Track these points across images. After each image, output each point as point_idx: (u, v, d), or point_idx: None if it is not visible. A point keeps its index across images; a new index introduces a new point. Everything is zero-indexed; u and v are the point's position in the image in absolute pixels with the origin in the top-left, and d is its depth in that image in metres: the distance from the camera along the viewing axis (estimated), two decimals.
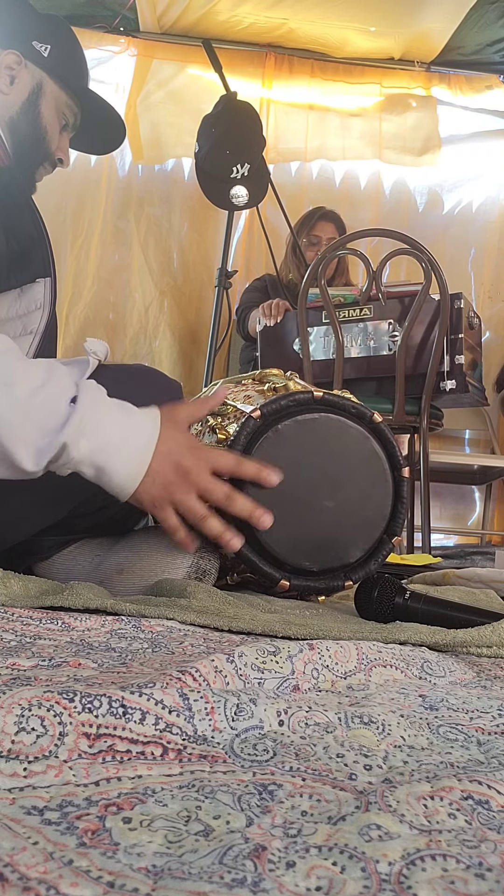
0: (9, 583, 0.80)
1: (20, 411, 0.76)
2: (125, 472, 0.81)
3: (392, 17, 3.21)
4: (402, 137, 3.60)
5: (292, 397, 0.95)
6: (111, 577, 1.00)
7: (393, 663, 0.61)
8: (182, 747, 0.40)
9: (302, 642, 0.59)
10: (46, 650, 0.55)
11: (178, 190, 3.42)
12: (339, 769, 0.39)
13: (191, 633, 0.68)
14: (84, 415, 0.77)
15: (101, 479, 0.81)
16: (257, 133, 2.75)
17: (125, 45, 3.37)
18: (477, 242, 3.57)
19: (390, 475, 0.97)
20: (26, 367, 0.79)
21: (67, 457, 0.78)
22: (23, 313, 0.99)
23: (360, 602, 0.88)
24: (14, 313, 0.99)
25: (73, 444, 0.77)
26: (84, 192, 3.29)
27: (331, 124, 3.58)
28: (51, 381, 0.78)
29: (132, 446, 0.81)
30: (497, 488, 3.42)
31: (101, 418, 0.79)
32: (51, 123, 1.19)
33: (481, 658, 0.72)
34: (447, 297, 2.19)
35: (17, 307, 0.99)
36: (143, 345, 3.31)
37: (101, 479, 0.81)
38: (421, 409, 2.25)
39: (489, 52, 3.45)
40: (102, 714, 0.40)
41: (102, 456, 0.79)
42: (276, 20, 3.26)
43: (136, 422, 0.82)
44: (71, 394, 0.79)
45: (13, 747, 0.36)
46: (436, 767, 0.40)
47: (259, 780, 0.36)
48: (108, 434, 0.79)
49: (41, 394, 0.77)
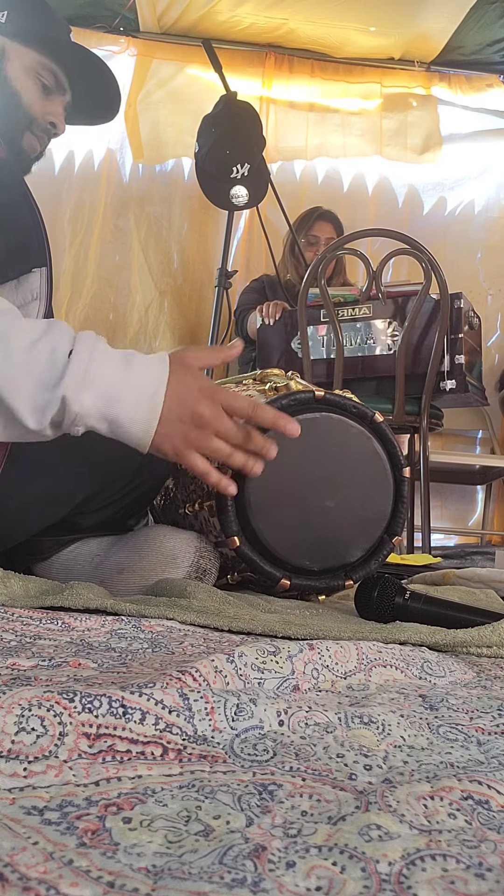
0: (9, 583, 0.80)
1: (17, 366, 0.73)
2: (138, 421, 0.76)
3: (392, 17, 3.21)
4: (402, 135, 3.60)
5: (293, 397, 0.95)
6: (111, 577, 1.01)
7: (393, 663, 0.61)
8: (182, 747, 0.40)
9: (302, 642, 0.59)
10: (46, 650, 0.55)
11: (178, 190, 3.42)
12: (339, 769, 0.39)
13: (191, 633, 0.68)
14: (81, 365, 0.73)
15: (116, 433, 0.77)
16: (257, 133, 2.75)
17: (125, 45, 3.37)
18: (479, 240, 3.57)
19: (391, 475, 0.97)
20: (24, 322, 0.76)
21: (71, 412, 0.73)
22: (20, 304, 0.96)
23: (360, 602, 0.88)
24: None
25: (73, 397, 0.73)
26: (84, 190, 3.29)
27: (331, 123, 3.58)
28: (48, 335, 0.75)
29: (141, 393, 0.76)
30: (497, 488, 3.42)
31: (100, 368, 0.74)
32: (24, 85, 1.12)
33: (481, 658, 0.72)
34: (447, 296, 2.19)
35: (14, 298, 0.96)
36: (143, 345, 3.30)
37: (115, 432, 0.77)
38: (421, 409, 2.25)
39: (489, 52, 3.45)
40: (102, 714, 0.39)
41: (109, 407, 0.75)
42: (276, 20, 3.26)
43: (142, 368, 0.78)
44: (69, 346, 0.75)
45: (13, 747, 0.36)
46: (436, 767, 0.40)
47: (259, 780, 0.36)
48: (111, 383, 0.75)
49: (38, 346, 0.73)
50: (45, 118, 1.15)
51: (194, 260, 3.40)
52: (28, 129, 1.13)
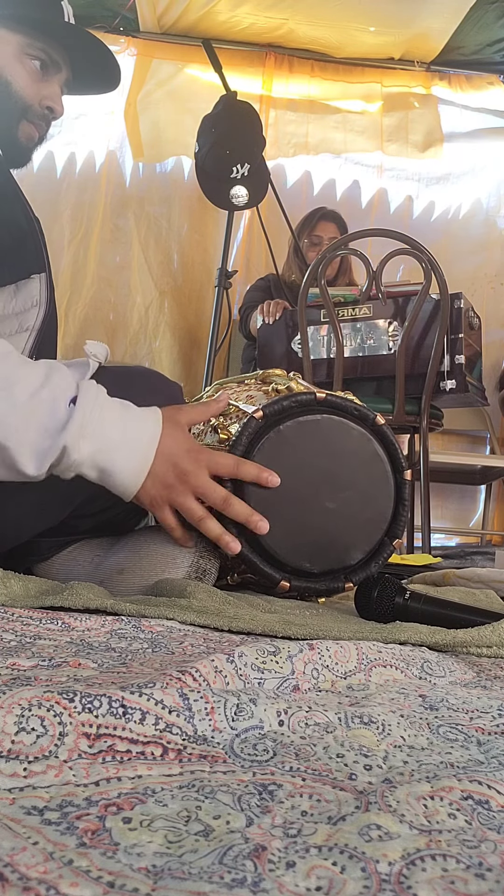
0: (9, 583, 0.80)
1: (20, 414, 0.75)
2: (128, 472, 0.80)
3: (392, 17, 3.22)
4: (404, 131, 3.60)
5: (295, 398, 0.95)
6: (111, 577, 1.00)
7: (393, 663, 0.61)
8: (182, 747, 0.40)
9: (302, 642, 0.59)
10: (46, 650, 0.55)
11: (178, 190, 3.42)
12: (339, 769, 0.39)
13: (191, 633, 0.68)
14: (84, 415, 0.76)
15: (106, 481, 0.81)
16: (257, 133, 2.75)
17: (125, 45, 3.37)
18: (480, 239, 3.57)
19: (392, 477, 0.97)
20: (25, 369, 0.78)
21: (69, 459, 0.77)
22: (19, 311, 0.97)
23: (360, 602, 0.88)
24: (10, 310, 0.97)
25: (73, 445, 0.76)
26: (84, 190, 3.29)
27: (331, 123, 3.58)
28: (50, 382, 0.77)
29: (134, 447, 0.80)
30: (497, 488, 3.42)
31: (102, 419, 0.78)
32: (14, 72, 1.07)
33: (481, 658, 0.72)
34: (447, 296, 2.19)
35: (14, 304, 0.96)
36: (143, 345, 3.31)
37: (104, 480, 0.81)
38: (421, 409, 2.25)
39: (489, 52, 3.46)
40: (102, 714, 0.40)
41: (104, 457, 0.78)
42: (276, 20, 3.26)
43: (139, 422, 0.82)
44: (71, 394, 0.78)
45: (13, 747, 0.36)
46: (436, 767, 0.40)
47: (259, 780, 0.36)
48: (109, 435, 0.78)
49: (41, 395, 0.76)
50: (42, 103, 1.10)
51: (194, 260, 3.41)
52: (23, 117, 1.08)
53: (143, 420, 0.83)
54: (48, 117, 1.12)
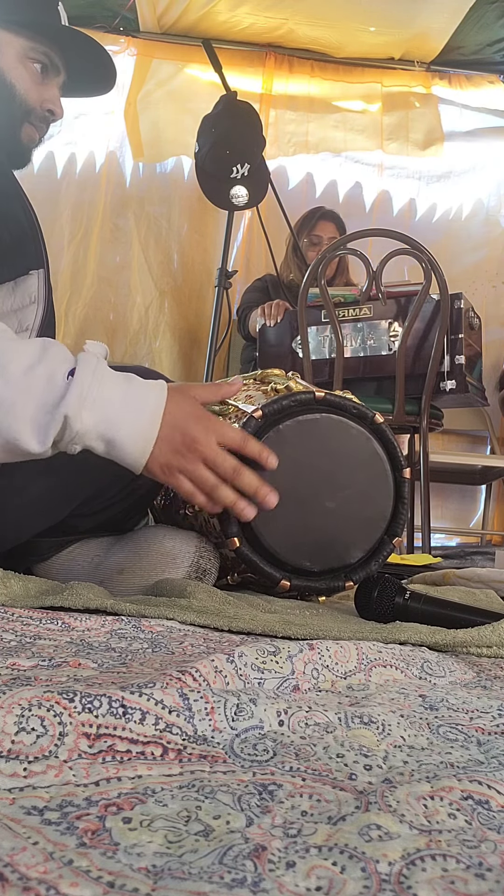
0: (9, 583, 0.80)
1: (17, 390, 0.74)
2: (134, 439, 0.78)
3: (392, 16, 3.21)
4: (404, 130, 3.59)
5: (294, 397, 0.95)
6: (111, 577, 1.00)
7: (393, 663, 0.61)
8: (182, 747, 0.40)
9: (302, 642, 0.59)
10: (46, 650, 0.55)
11: (178, 190, 3.42)
12: (339, 769, 0.39)
13: (191, 633, 0.68)
14: (84, 386, 0.75)
15: (113, 453, 0.79)
16: (257, 133, 2.75)
17: (125, 45, 3.37)
18: (480, 238, 3.57)
19: (391, 476, 0.97)
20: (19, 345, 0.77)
21: (72, 431, 0.75)
22: (17, 308, 0.96)
23: (360, 602, 0.88)
24: (9, 308, 0.96)
25: (75, 416, 0.74)
26: (83, 190, 3.29)
27: (331, 122, 3.58)
28: (46, 357, 0.76)
29: (139, 415, 0.78)
30: (497, 488, 3.42)
31: (102, 388, 0.76)
32: (17, 76, 1.08)
33: (481, 658, 0.72)
34: (447, 297, 2.19)
35: (12, 302, 0.96)
36: (143, 345, 3.30)
37: (111, 452, 0.79)
38: (421, 409, 2.25)
39: (489, 52, 3.45)
40: (102, 714, 0.40)
41: (108, 426, 0.76)
42: (276, 20, 3.26)
43: (142, 390, 0.80)
44: (68, 367, 0.76)
45: (13, 747, 0.36)
46: (436, 767, 0.40)
47: (259, 780, 0.36)
48: (111, 403, 0.76)
49: (36, 370, 0.75)
50: (43, 105, 1.11)
51: (194, 260, 3.40)
52: (26, 120, 1.10)
53: (147, 388, 0.80)
54: (49, 119, 1.13)
